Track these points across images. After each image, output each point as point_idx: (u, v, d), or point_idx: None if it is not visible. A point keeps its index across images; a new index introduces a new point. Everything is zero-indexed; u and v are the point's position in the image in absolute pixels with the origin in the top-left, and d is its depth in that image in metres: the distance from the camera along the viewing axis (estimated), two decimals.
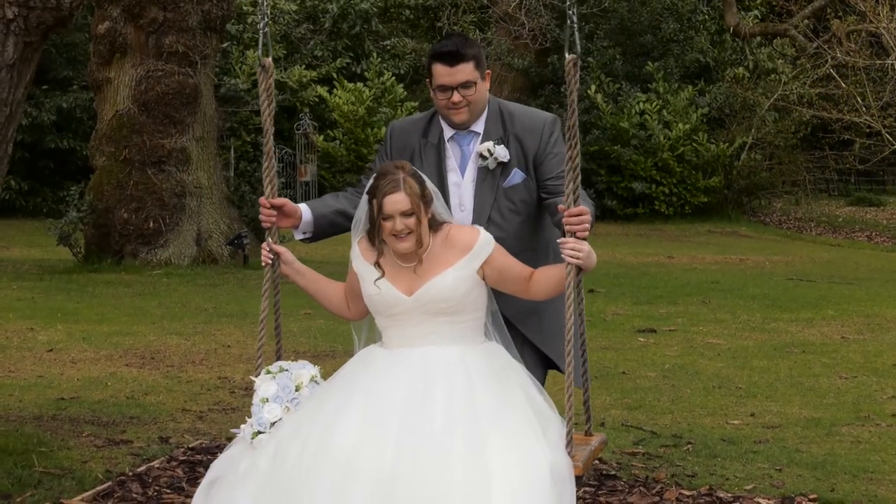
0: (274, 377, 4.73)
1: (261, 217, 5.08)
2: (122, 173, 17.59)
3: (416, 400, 4.46)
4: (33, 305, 13.37)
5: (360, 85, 29.46)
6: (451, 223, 4.85)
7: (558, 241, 4.66)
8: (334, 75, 30.38)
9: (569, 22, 4.65)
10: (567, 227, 4.60)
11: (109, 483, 6.53)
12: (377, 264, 4.72)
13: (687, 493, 6.66)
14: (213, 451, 7.25)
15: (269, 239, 5.03)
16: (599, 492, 6.66)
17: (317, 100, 29.35)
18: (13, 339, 11.11)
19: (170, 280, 15.92)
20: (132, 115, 17.66)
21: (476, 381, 4.55)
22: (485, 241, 4.75)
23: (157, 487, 6.51)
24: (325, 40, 31.63)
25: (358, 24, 32.05)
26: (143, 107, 17.64)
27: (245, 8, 29.24)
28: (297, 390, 4.67)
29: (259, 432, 4.55)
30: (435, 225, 4.74)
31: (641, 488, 6.74)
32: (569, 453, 4.50)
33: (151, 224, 17.45)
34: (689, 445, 7.75)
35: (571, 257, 4.56)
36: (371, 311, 4.85)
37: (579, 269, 4.60)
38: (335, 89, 29.55)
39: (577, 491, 4.52)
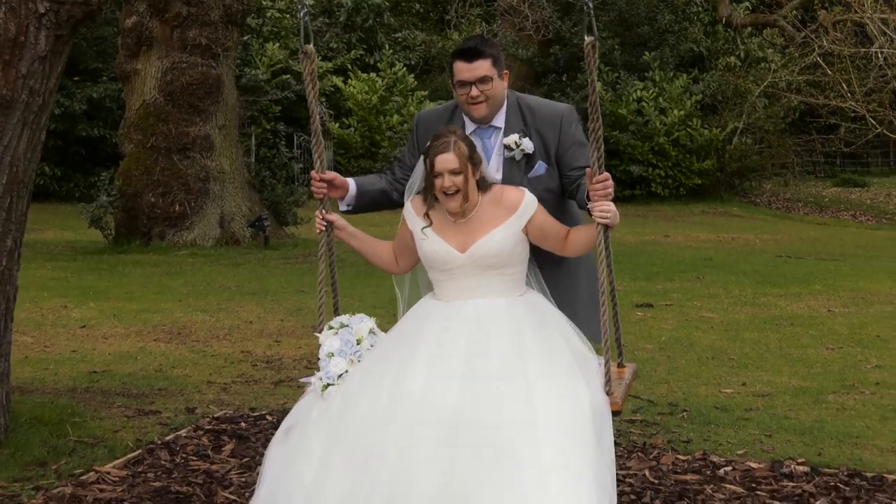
0: (336, 332, 4.92)
1: (313, 188, 5.25)
2: (149, 160, 17.62)
3: (474, 350, 4.71)
4: (67, 284, 13.40)
5: (373, 75, 29.50)
6: (499, 184, 5.08)
7: (588, 204, 4.86)
8: (349, 66, 30.39)
9: (585, 8, 4.73)
10: (593, 191, 4.76)
11: (139, 451, 6.56)
12: (426, 215, 4.96)
13: (682, 457, 6.68)
14: (237, 420, 7.29)
15: (323, 209, 5.21)
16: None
17: (332, 89, 29.39)
18: (48, 316, 11.14)
19: (195, 260, 15.94)
20: (158, 105, 17.67)
21: (524, 332, 4.82)
22: (529, 201, 4.99)
23: (183, 455, 6.54)
24: (340, 33, 31.62)
25: (371, 18, 32.02)
26: (168, 97, 17.66)
27: (264, 3, 29.23)
28: (358, 343, 4.88)
29: (328, 385, 4.77)
30: (484, 185, 5.00)
31: (639, 453, 6.76)
32: (607, 391, 4.73)
33: (177, 207, 17.48)
34: (685, 413, 7.76)
35: (602, 218, 4.76)
36: (426, 267, 5.09)
37: (607, 228, 4.79)
38: (350, 79, 29.59)
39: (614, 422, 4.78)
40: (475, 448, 4.40)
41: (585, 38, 4.75)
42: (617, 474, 6.27)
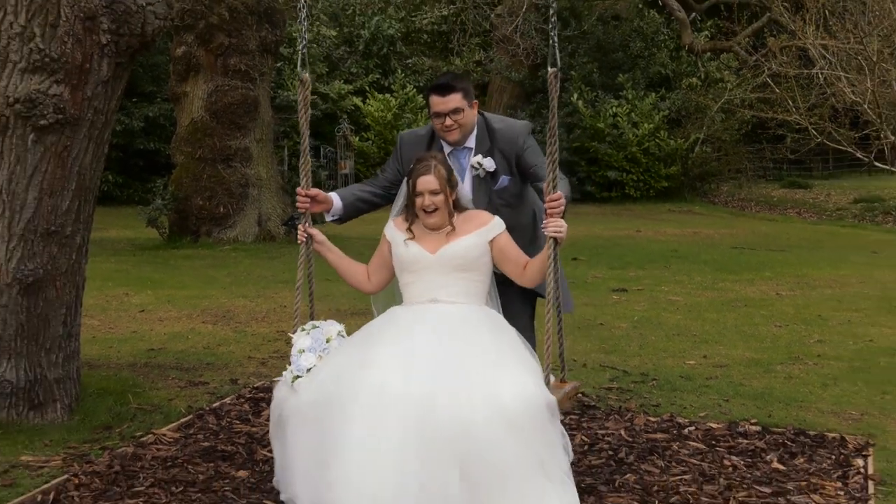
0: (308, 333, 4.80)
1: (297, 203, 5.21)
2: (197, 168, 17.63)
3: (436, 342, 4.57)
4: (127, 275, 13.42)
5: (387, 96, 29.56)
6: (470, 208, 5.03)
7: (543, 224, 4.75)
8: (367, 88, 30.46)
9: (551, 41, 4.81)
10: (548, 208, 4.70)
11: (190, 416, 6.58)
12: (408, 229, 4.91)
13: (652, 419, 6.68)
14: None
15: (305, 223, 5.17)
16: (582, 419, 6.68)
17: (353, 108, 29.43)
18: (112, 302, 11.17)
19: (236, 254, 15.96)
20: (205, 122, 17.68)
21: (482, 333, 4.68)
22: (497, 222, 4.96)
23: (228, 419, 6.56)
24: (359, 59, 31.65)
25: (385, 47, 32.07)
26: (213, 115, 17.66)
27: (294, 34, 29.21)
28: (327, 342, 4.75)
29: (297, 377, 4.63)
30: (459, 207, 4.95)
31: (616, 416, 6.76)
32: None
33: (221, 209, 17.50)
34: (654, 381, 7.77)
35: (555, 233, 4.68)
36: (398, 272, 4.98)
37: (556, 242, 4.70)
38: (368, 99, 29.63)
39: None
40: (433, 432, 4.25)
41: (549, 69, 4.78)
42: (595, 434, 6.32)
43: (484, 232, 4.90)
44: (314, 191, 5.21)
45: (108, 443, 6.02)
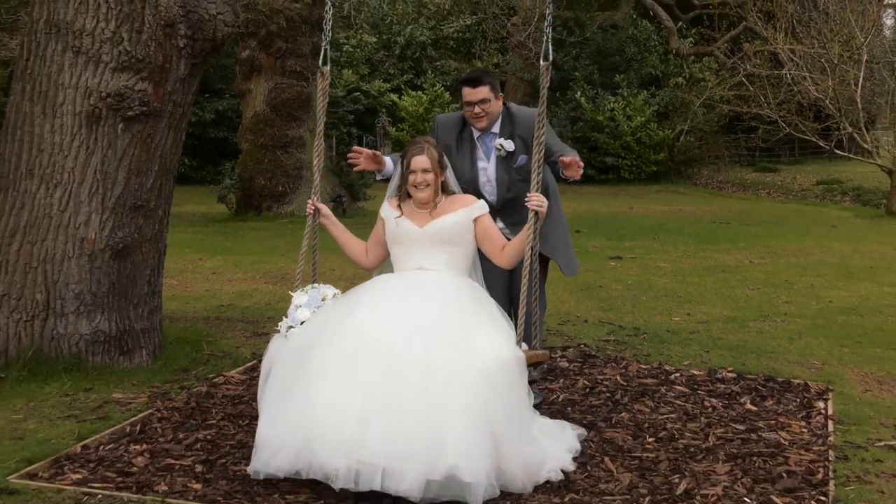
0: (306, 292, 4.74)
1: (350, 157, 5.32)
2: (259, 154, 17.67)
3: (417, 299, 4.44)
4: (201, 243, 13.48)
5: (419, 93, 29.55)
6: (457, 192, 4.89)
7: (526, 198, 4.66)
8: (402, 86, 30.46)
9: (545, 38, 4.80)
10: (565, 166, 4.93)
11: (254, 361, 6.60)
12: (398, 207, 4.78)
13: (644, 366, 6.68)
14: None
15: (314, 198, 5.08)
16: (584, 366, 6.68)
17: (390, 103, 29.45)
18: (188, 265, 11.22)
19: (293, 226, 15.97)
20: (265, 115, 17.70)
21: (459, 298, 4.52)
22: (481, 204, 4.84)
23: None
24: (396, 62, 31.63)
25: (418, 51, 32.03)
26: (273, 108, 17.67)
27: (341, 41, 29.19)
28: (322, 300, 4.66)
29: (291, 327, 4.56)
30: (447, 189, 4.82)
31: (612, 364, 6.76)
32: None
33: (280, 188, 17.56)
34: (645, 335, 7.76)
35: (536, 207, 4.60)
36: (390, 244, 4.84)
37: (537, 215, 4.61)
38: (403, 96, 29.62)
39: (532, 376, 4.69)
40: (406, 379, 4.09)
41: (541, 62, 4.75)
42: (596, 379, 6.32)
43: (468, 211, 4.75)
44: (373, 152, 5.23)
45: (186, 383, 6.07)
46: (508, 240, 4.85)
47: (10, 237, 6.11)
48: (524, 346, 4.58)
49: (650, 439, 5.12)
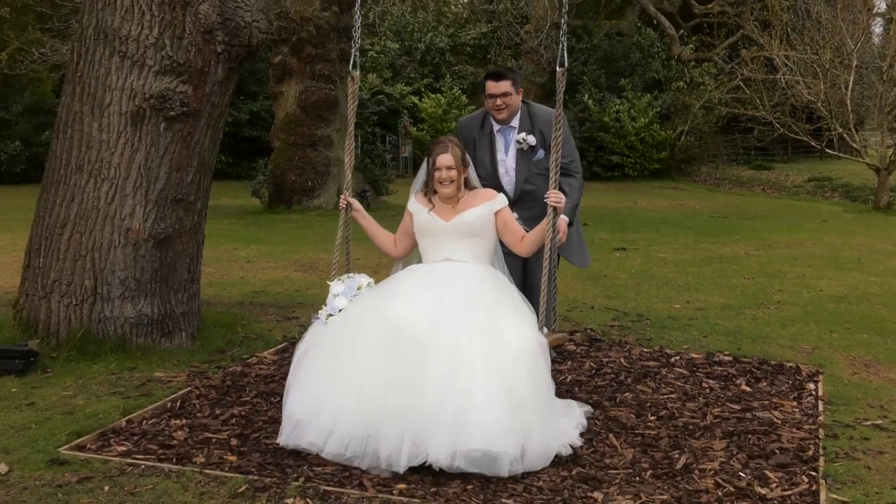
0: (343, 281, 4.76)
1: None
2: (290, 151, 17.67)
3: (447, 289, 4.47)
4: (237, 234, 13.52)
5: (438, 95, 29.46)
6: (478, 187, 4.91)
7: (545, 196, 4.69)
8: (422, 89, 30.38)
9: (560, 46, 4.77)
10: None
11: (285, 343, 6.62)
12: (430, 201, 4.80)
13: (646, 350, 6.66)
14: None
15: (346, 193, 5.15)
16: (590, 349, 6.66)
17: (411, 105, 29.41)
18: (224, 254, 11.25)
19: (321, 218, 16.00)
20: (296, 115, 17.69)
21: (485, 288, 4.55)
22: (501, 198, 4.86)
23: None
24: (417, 67, 31.55)
25: (437, 57, 31.95)
26: (303, 110, 17.67)
27: (366, 46, 29.19)
28: (358, 289, 4.69)
29: (330, 315, 4.60)
30: (469, 185, 4.85)
31: (617, 347, 6.74)
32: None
33: (309, 183, 17.56)
34: (647, 321, 7.73)
35: (554, 203, 4.66)
36: (418, 236, 4.86)
37: (556, 210, 4.67)
38: (423, 98, 29.54)
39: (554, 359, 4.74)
40: (435, 360, 4.13)
41: (557, 68, 4.76)
42: (601, 361, 6.29)
43: (490, 205, 4.78)
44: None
45: (222, 363, 6.09)
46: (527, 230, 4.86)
47: (62, 228, 6.13)
48: (545, 330, 4.62)
49: (652, 417, 5.10)
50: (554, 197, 4.66)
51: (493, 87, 5.36)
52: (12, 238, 12.16)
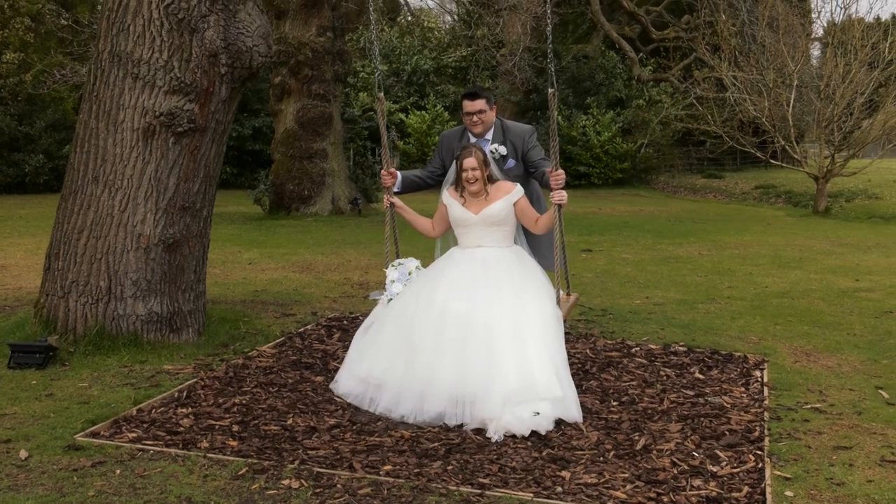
0: (396, 268, 5.17)
1: (382, 178, 5.49)
2: (289, 163, 17.59)
3: (481, 276, 4.90)
4: (240, 238, 13.45)
5: (423, 112, 29.40)
6: (500, 179, 5.21)
7: (552, 193, 5.04)
8: (408, 107, 30.32)
9: (550, 72, 5.07)
10: (553, 180, 5.01)
11: (283, 338, 6.58)
12: (462, 196, 5.11)
13: (610, 342, 6.64)
14: (342, 319, 7.29)
15: (388, 195, 5.48)
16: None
17: (399, 121, 29.32)
18: (229, 257, 11.19)
19: (317, 224, 15.96)
20: (294, 131, 17.62)
21: (512, 268, 4.99)
22: (518, 190, 5.19)
23: (309, 340, 6.55)
24: (403, 86, 31.49)
25: (422, 77, 31.89)
26: (300, 126, 17.60)
27: (357, 68, 29.12)
28: (409, 274, 5.13)
29: (390, 299, 5.03)
30: (492, 179, 5.16)
31: (583, 339, 6.72)
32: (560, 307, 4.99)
33: (306, 192, 17.48)
34: (611, 315, 7.72)
35: (558, 201, 5.00)
36: (453, 225, 5.23)
37: (560, 207, 5.00)
38: (409, 114, 29.48)
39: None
40: (475, 335, 4.62)
41: (549, 90, 4.93)
42: (569, 352, 6.25)
43: (509, 198, 5.09)
44: (394, 171, 5.48)
45: (225, 356, 6.04)
46: None
47: (79, 233, 6.07)
48: (562, 294, 5.07)
49: (614, 403, 5.08)
50: (557, 196, 4.96)
51: (468, 105, 5.40)
52: (35, 242, 12.05)
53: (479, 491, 3.77)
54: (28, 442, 4.26)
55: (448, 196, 5.20)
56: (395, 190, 5.49)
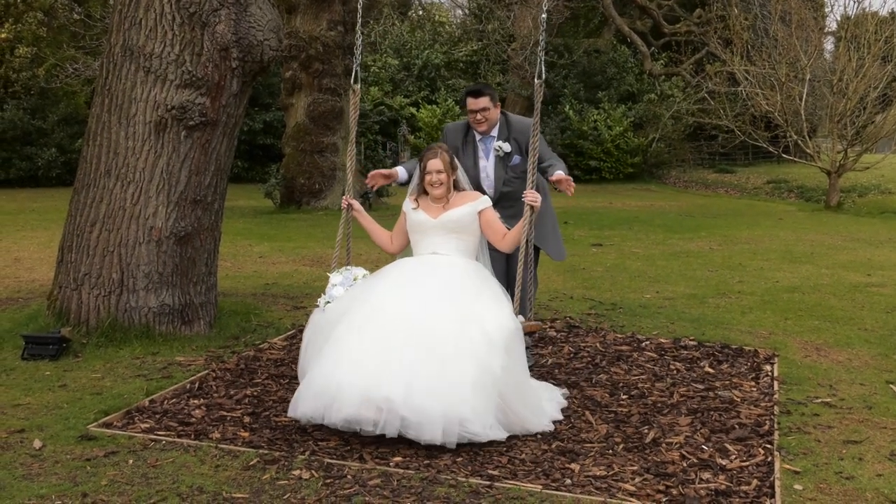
0: (340, 273, 4.78)
1: (367, 178, 5.27)
2: (300, 157, 17.62)
3: (427, 278, 4.46)
4: (251, 232, 13.49)
5: (434, 106, 29.40)
6: (467, 189, 4.88)
7: (523, 195, 4.70)
8: (419, 101, 30.31)
9: (539, 60, 4.75)
10: (561, 188, 4.82)
11: (294, 330, 6.60)
12: (416, 200, 4.80)
13: (619, 336, 6.65)
14: None
15: (347, 194, 5.17)
16: (569, 335, 6.65)
17: (410, 115, 29.33)
18: (240, 250, 11.23)
19: (327, 217, 15.99)
20: (305, 125, 17.65)
21: (465, 278, 4.53)
22: (484, 199, 4.84)
23: None
24: (414, 81, 31.48)
25: (433, 72, 31.87)
26: (311, 120, 17.62)
27: (369, 63, 29.12)
28: (354, 280, 4.71)
29: (328, 302, 4.62)
30: (458, 186, 4.83)
31: (593, 333, 6.73)
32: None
33: (317, 186, 17.52)
34: (620, 309, 7.72)
35: (531, 202, 4.64)
36: (409, 232, 4.84)
37: (532, 209, 4.65)
38: (420, 109, 29.48)
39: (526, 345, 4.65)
40: (420, 342, 4.10)
41: (535, 81, 4.76)
42: (579, 345, 6.28)
43: (474, 205, 4.73)
44: (386, 171, 5.22)
45: (237, 348, 6.07)
46: (508, 228, 4.83)
47: (91, 226, 6.11)
48: (521, 318, 4.58)
49: (624, 396, 5.09)
50: (530, 196, 4.65)
51: (472, 103, 5.31)
52: (48, 235, 12.12)
53: (488, 482, 3.79)
54: (42, 432, 4.30)
55: (408, 202, 4.86)
56: (400, 182, 5.31)
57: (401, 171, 5.28)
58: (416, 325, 4.16)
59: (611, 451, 4.20)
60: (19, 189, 22.49)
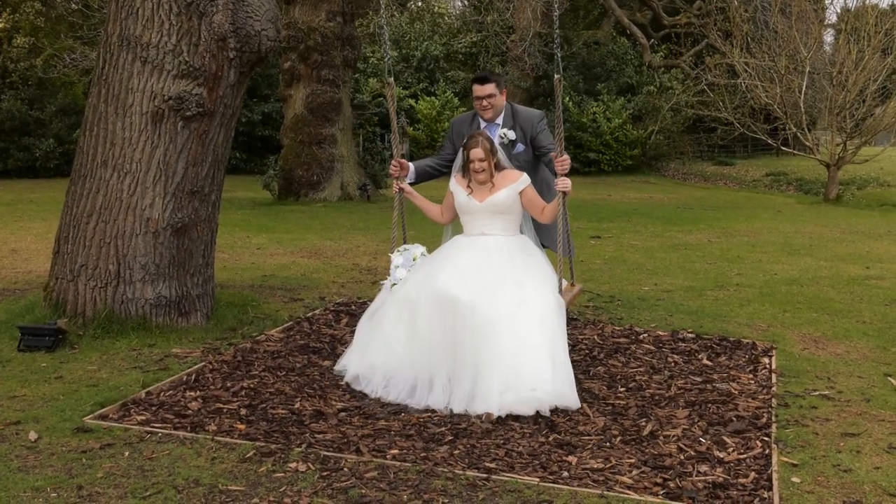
0: (401, 254, 5.15)
1: (391, 168, 5.43)
2: (298, 149, 17.58)
3: (483, 264, 4.87)
4: (249, 223, 13.46)
5: (433, 98, 29.32)
6: (507, 167, 5.19)
7: (556, 180, 5.02)
8: (418, 92, 30.24)
9: (556, 58, 5.06)
10: (558, 166, 4.99)
11: (291, 322, 6.59)
12: (468, 186, 5.10)
13: (618, 328, 6.63)
14: (350, 304, 7.29)
15: (398, 181, 5.43)
16: (568, 328, 6.62)
17: (409, 107, 29.26)
18: (237, 241, 11.20)
19: (326, 209, 15.96)
20: (304, 116, 17.60)
21: (515, 257, 4.95)
22: (525, 179, 5.16)
23: (317, 325, 6.55)
24: (413, 72, 31.40)
25: (432, 63, 31.78)
26: (310, 111, 17.57)
27: (367, 54, 29.06)
28: (413, 260, 5.11)
29: (394, 284, 5.02)
30: (499, 167, 5.14)
31: (591, 325, 6.72)
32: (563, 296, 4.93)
33: (315, 177, 17.48)
34: (619, 302, 7.70)
35: (562, 188, 4.99)
36: (458, 212, 5.22)
37: (565, 194, 5.00)
38: (419, 100, 29.42)
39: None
40: (474, 324, 4.57)
41: (555, 76, 4.93)
42: (577, 338, 6.28)
43: (515, 186, 5.05)
44: (403, 161, 5.42)
45: (234, 340, 6.05)
46: None
47: (88, 217, 6.09)
48: (565, 283, 5.00)
49: (622, 389, 5.08)
50: (561, 184, 4.95)
51: (478, 89, 5.38)
52: (46, 226, 12.09)
53: (485, 475, 3.78)
54: (37, 424, 4.29)
55: (454, 183, 5.19)
56: (410, 181, 5.45)
57: (411, 168, 5.48)
58: (479, 311, 4.58)
59: (608, 444, 4.20)
60: (17, 180, 22.43)
